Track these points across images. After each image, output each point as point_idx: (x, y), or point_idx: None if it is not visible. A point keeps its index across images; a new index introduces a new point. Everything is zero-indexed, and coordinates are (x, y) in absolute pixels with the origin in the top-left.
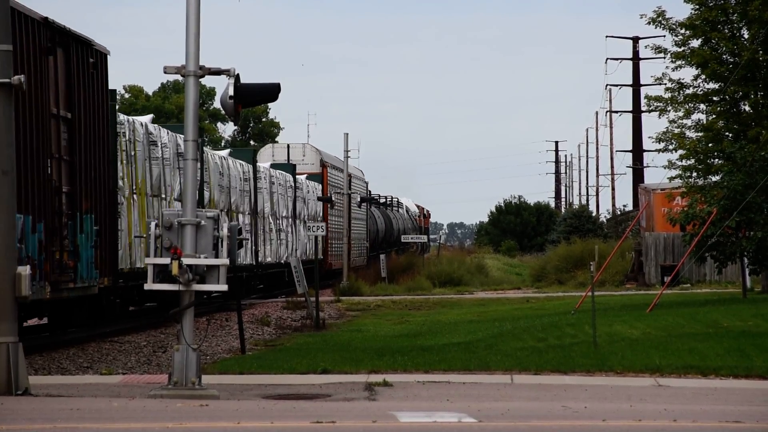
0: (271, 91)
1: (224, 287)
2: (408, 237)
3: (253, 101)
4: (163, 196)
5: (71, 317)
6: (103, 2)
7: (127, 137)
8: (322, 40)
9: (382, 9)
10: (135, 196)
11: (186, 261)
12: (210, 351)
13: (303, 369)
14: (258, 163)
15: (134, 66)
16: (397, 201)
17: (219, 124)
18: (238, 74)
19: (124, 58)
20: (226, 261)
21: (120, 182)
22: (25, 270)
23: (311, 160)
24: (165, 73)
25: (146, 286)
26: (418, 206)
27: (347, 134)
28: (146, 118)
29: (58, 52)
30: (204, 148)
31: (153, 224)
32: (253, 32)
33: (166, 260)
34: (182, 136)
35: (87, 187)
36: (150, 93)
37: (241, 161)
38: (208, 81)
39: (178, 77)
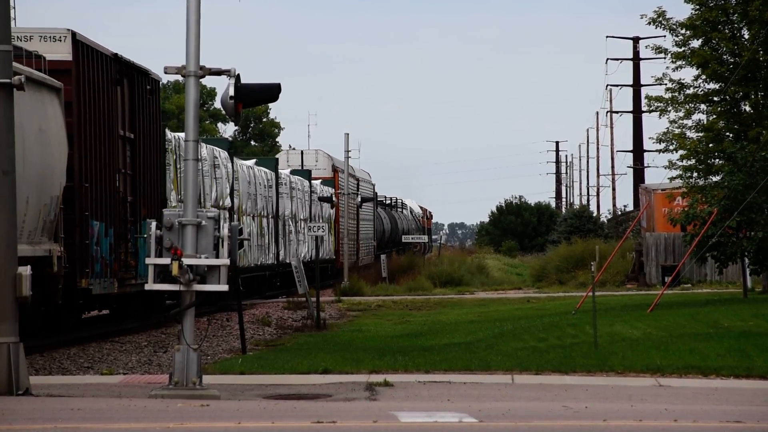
0: (272, 91)
1: (225, 287)
2: (408, 237)
3: (253, 101)
4: (204, 202)
5: (130, 309)
6: (104, 2)
7: (173, 152)
8: (323, 40)
9: (383, 9)
10: (180, 203)
11: (186, 261)
12: (211, 351)
13: (304, 369)
14: (279, 170)
15: None
16: (402, 202)
17: (220, 124)
18: (238, 74)
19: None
20: (227, 261)
21: (169, 191)
22: (25, 270)
23: (323, 166)
24: (165, 73)
25: (147, 287)
26: (421, 207)
27: (347, 134)
28: (179, 135)
29: (124, 83)
30: (234, 158)
31: (153, 224)
32: (254, 32)
33: (166, 260)
34: (216, 148)
35: (145, 197)
36: None
37: (265, 169)
38: (208, 81)
39: (179, 77)
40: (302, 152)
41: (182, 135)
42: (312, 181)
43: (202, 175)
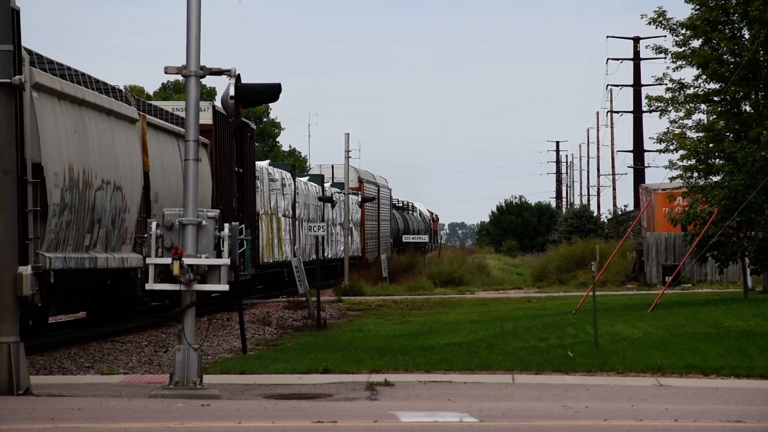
0: (272, 91)
1: (225, 287)
2: (409, 237)
3: (254, 101)
4: (277, 213)
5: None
6: (104, 1)
7: (259, 178)
8: (324, 39)
9: (385, 8)
10: (263, 215)
11: (187, 261)
12: (211, 351)
13: (304, 369)
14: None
15: (135, 66)
16: (412, 205)
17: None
18: (239, 74)
19: (124, 57)
20: (227, 261)
21: (257, 206)
22: (26, 270)
23: (351, 177)
24: (166, 73)
25: (147, 286)
26: (429, 211)
27: (348, 134)
28: (265, 163)
29: (237, 134)
30: (295, 177)
31: (154, 224)
32: (254, 32)
33: (167, 260)
34: (284, 171)
35: (245, 211)
36: (151, 93)
37: (314, 183)
38: (209, 81)
39: (179, 77)
40: (332, 166)
41: (261, 163)
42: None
43: (276, 193)
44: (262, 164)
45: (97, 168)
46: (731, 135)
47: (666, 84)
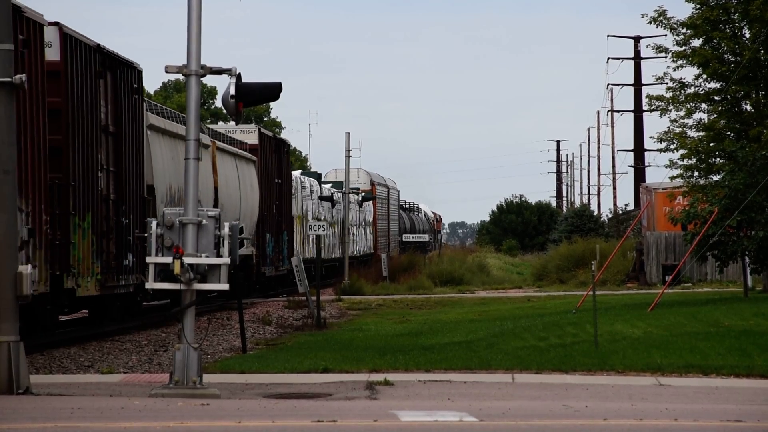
0: (273, 90)
1: (225, 286)
2: (409, 237)
3: (254, 100)
4: (307, 216)
5: (279, 282)
6: (104, 1)
7: (294, 186)
8: (325, 39)
9: (386, 8)
10: (296, 218)
11: (187, 260)
12: (211, 350)
13: (304, 368)
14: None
15: None
16: (417, 206)
17: (221, 123)
18: (239, 73)
19: (125, 56)
20: (227, 260)
21: (293, 211)
22: (26, 269)
23: (364, 180)
24: (166, 72)
25: (147, 286)
26: (433, 212)
27: (348, 133)
28: (297, 173)
29: (280, 150)
30: (321, 184)
31: (154, 223)
32: (255, 31)
33: (167, 259)
34: (311, 179)
35: (284, 216)
36: (152, 92)
37: (334, 189)
38: (209, 80)
39: (180, 76)
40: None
41: (297, 173)
42: (357, 194)
43: (308, 200)
44: (295, 174)
45: (182, 183)
46: (732, 134)
47: (666, 83)
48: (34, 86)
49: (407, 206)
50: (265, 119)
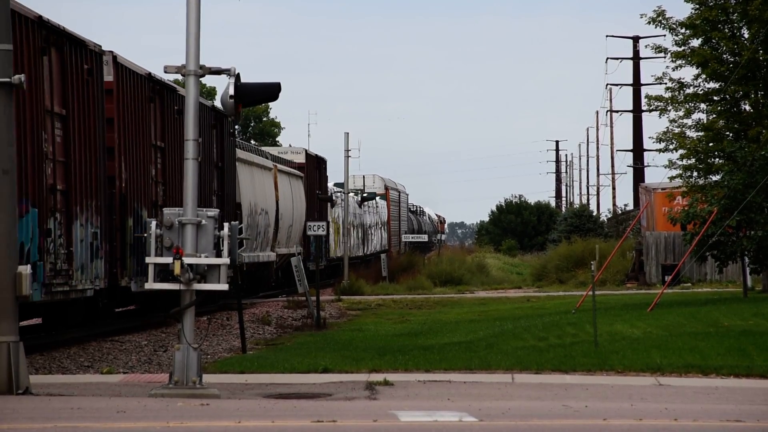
0: (272, 91)
1: (225, 287)
2: (408, 237)
3: (253, 101)
4: (337, 221)
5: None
6: (105, 1)
7: (334, 197)
8: (326, 39)
9: (387, 8)
10: (332, 224)
11: (187, 260)
12: (211, 350)
13: (304, 368)
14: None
15: None
16: (422, 209)
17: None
18: (238, 74)
19: (124, 56)
20: (227, 260)
21: (328, 217)
22: (26, 269)
23: (378, 185)
24: (165, 72)
25: (146, 286)
26: (437, 214)
27: (347, 134)
28: (331, 184)
29: (320, 166)
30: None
31: (153, 223)
32: (254, 31)
33: (166, 260)
34: (339, 189)
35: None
36: None
37: (352, 194)
38: (208, 80)
39: (179, 77)
40: (364, 176)
41: (331, 185)
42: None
43: (344, 209)
44: (330, 185)
45: (259, 201)
46: (731, 134)
47: (665, 83)
48: (135, 120)
49: (413, 209)
50: (264, 119)
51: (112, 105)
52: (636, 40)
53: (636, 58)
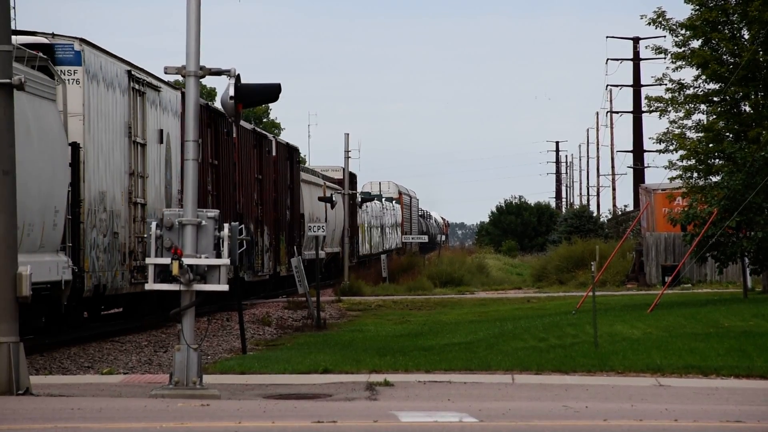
0: (272, 92)
1: (225, 287)
2: (409, 237)
3: (253, 101)
4: (364, 224)
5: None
6: (105, 1)
7: (357, 204)
8: (326, 39)
9: (388, 9)
10: (360, 227)
11: (186, 261)
12: (211, 351)
13: (304, 369)
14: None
15: None
16: (428, 213)
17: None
18: (238, 74)
19: (124, 57)
20: (227, 261)
21: (358, 222)
22: (25, 270)
23: (393, 190)
24: (166, 73)
25: (147, 287)
26: (442, 217)
27: (348, 134)
28: (360, 192)
29: (354, 179)
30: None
31: (153, 224)
32: (255, 32)
33: (166, 260)
34: (377, 202)
35: (354, 227)
36: None
37: (376, 201)
38: (208, 81)
39: (179, 77)
40: (380, 183)
41: (359, 191)
42: (391, 202)
43: (368, 214)
44: (358, 191)
45: (315, 212)
46: (731, 135)
47: (665, 84)
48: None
49: (421, 213)
50: (264, 120)
51: (236, 154)
52: (636, 41)
53: (636, 59)
